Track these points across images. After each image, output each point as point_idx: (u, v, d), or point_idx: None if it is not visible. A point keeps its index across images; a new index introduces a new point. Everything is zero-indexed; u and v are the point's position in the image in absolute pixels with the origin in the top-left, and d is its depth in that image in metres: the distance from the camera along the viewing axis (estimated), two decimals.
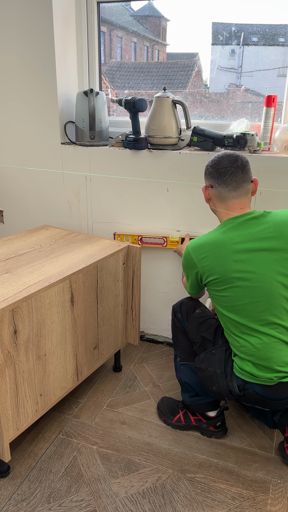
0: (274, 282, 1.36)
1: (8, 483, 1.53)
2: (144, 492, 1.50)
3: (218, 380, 1.50)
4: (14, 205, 2.51)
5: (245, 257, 1.37)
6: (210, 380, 1.52)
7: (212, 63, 2.23)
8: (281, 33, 2.00)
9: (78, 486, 1.51)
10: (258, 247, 1.36)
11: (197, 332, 1.64)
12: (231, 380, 1.49)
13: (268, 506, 1.45)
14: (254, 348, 1.41)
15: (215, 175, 1.44)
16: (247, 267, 1.36)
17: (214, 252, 1.40)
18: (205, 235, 1.45)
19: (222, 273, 1.39)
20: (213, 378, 1.51)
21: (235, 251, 1.37)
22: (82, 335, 1.74)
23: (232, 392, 1.48)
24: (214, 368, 1.52)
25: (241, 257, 1.37)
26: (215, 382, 1.51)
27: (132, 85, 2.44)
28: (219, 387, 1.50)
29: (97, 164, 2.20)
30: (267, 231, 1.37)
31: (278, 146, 1.96)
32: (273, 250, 1.36)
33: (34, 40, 2.10)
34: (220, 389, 1.50)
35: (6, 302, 1.34)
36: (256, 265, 1.36)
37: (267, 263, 1.36)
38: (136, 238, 2.19)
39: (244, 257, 1.37)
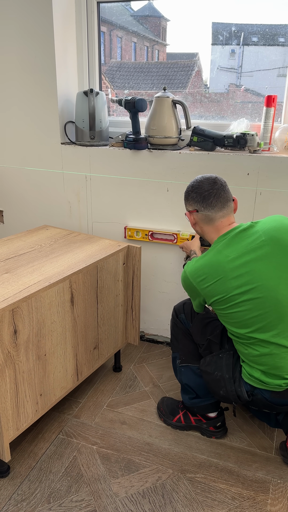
0: (279, 289, 1.34)
1: (8, 483, 1.53)
2: (144, 492, 1.50)
3: (226, 385, 1.49)
4: (14, 205, 2.51)
5: (243, 270, 1.34)
6: (217, 384, 1.51)
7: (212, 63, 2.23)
8: (281, 33, 2.00)
9: (78, 486, 1.51)
10: (254, 258, 1.34)
11: (202, 334, 1.62)
12: (240, 386, 1.48)
13: (268, 506, 1.45)
14: (264, 358, 1.39)
15: (198, 199, 1.44)
16: (247, 280, 1.34)
17: (212, 273, 1.38)
18: (200, 257, 1.45)
19: (224, 292, 1.37)
20: (221, 382, 1.50)
21: (232, 268, 1.35)
22: (82, 335, 1.74)
23: (241, 397, 1.48)
24: (222, 372, 1.50)
25: (239, 272, 1.35)
26: (222, 387, 1.50)
27: (132, 85, 2.44)
28: (227, 391, 1.49)
29: (97, 164, 2.20)
30: (259, 240, 1.36)
31: (278, 146, 1.96)
32: (269, 257, 1.34)
33: (34, 40, 2.10)
34: (228, 393, 1.49)
35: (6, 302, 1.34)
36: (256, 276, 1.34)
37: (267, 271, 1.34)
38: (147, 233, 2.19)
39: (242, 271, 1.34)
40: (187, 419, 1.77)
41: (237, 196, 1.98)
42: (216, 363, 1.53)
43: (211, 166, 1.98)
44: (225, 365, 1.51)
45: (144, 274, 2.32)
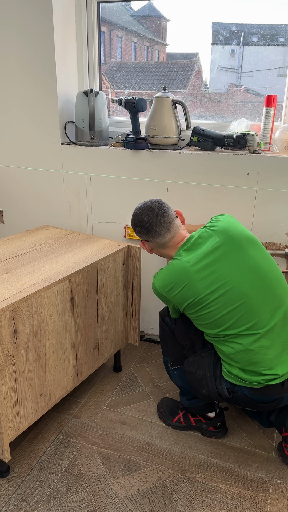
0: (243, 283, 1.39)
1: (8, 483, 1.53)
2: (144, 492, 1.50)
3: (208, 383, 1.52)
4: (14, 205, 2.51)
5: (207, 272, 1.40)
6: (200, 383, 1.54)
7: (212, 63, 2.23)
8: (281, 33, 2.00)
9: (78, 486, 1.51)
10: (214, 259, 1.40)
11: (186, 334, 1.64)
12: (220, 383, 1.50)
13: (268, 506, 1.45)
14: (240, 355, 1.42)
15: (144, 231, 1.51)
16: (213, 280, 1.39)
17: (178, 280, 1.43)
18: (165, 268, 1.49)
19: (193, 295, 1.41)
20: (203, 381, 1.53)
21: (196, 270, 1.40)
22: (82, 335, 1.74)
23: (222, 395, 1.50)
24: (204, 371, 1.53)
25: (204, 273, 1.40)
26: (204, 385, 1.53)
27: (132, 85, 2.44)
28: (209, 390, 1.52)
29: (97, 164, 2.20)
30: (214, 242, 1.43)
31: (278, 146, 1.96)
32: (228, 255, 1.41)
33: (34, 40, 2.10)
34: (210, 392, 1.52)
35: (6, 302, 1.34)
36: (220, 275, 1.39)
37: (228, 269, 1.40)
38: None
39: (206, 272, 1.40)
40: (187, 420, 1.77)
41: (237, 196, 1.98)
42: (198, 363, 1.56)
43: (211, 166, 1.98)
44: (206, 364, 1.54)
45: (144, 274, 2.32)
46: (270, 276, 1.43)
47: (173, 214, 1.52)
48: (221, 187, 1.99)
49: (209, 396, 1.53)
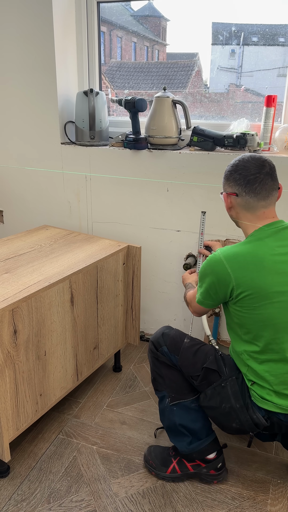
0: None
1: (8, 483, 1.53)
2: (144, 492, 1.50)
3: (239, 415, 1.33)
4: (14, 205, 2.51)
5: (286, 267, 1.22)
6: (228, 417, 1.35)
7: (212, 63, 2.23)
8: (281, 33, 2.00)
9: (78, 486, 1.51)
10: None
11: (194, 363, 1.42)
12: (254, 412, 1.32)
13: (268, 506, 1.45)
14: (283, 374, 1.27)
15: (241, 182, 1.28)
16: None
17: (254, 263, 1.22)
18: (236, 245, 1.29)
19: (261, 286, 1.22)
20: (231, 414, 1.34)
21: (277, 261, 1.22)
22: (82, 335, 1.74)
23: (258, 424, 1.32)
24: (230, 403, 1.34)
25: (285, 268, 1.22)
26: (235, 419, 1.34)
27: (132, 85, 2.44)
28: (241, 423, 1.33)
29: (97, 164, 2.20)
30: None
31: (278, 146, 1.96)
32: None
33: (34, 40, 2.10)
34: (243, 424, 1.33)
35: (6, 302, 1.34)
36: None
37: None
38: None
39: (285, 267, 1.22)
40: (183, 467, 1.52)
41: None
42: (220, 395, 1.36)
43: (211, 166, 1.98)
44: (231, 393, 1.35)
45: (144, 274, 2.32)
46: None
47: (278, 183, 1.31)
48: (221, 187, 1.99)
49: (242, 429, 1.35)
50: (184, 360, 1.43)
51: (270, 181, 1.28)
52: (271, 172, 1.28)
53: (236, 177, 1.29)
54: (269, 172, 1.28)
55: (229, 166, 1.33)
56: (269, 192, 1.28)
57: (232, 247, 1.29)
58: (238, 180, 1.28)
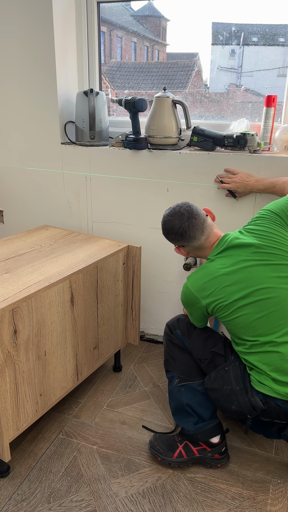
0: (281, 290, 1.35)
1: (8, 483, 1.53)
2: (144, 492, 1.50)
3: (238, 398, 1.41)
4: (14, 205, 2.51)
5: (241, 276, 1.37)
6: (228, 399, 1.44)
7: (212, 63, 2.23)
8: (281, 33, 2.00)
9: (78, 486, 1.51)
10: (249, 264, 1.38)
11: (204, 348, 1.55)
12: (253, 395, 1.40)
13: (268, 506, 1.45)
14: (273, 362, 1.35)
15: (178, 238, 1.47)
16: (246, 284, 1.37)
17: (212, 282, 1.41)
18: (198, 269, 1.48)
19: (223, 297, 1.39)
20: (231, 396, 1.43)
21: (225, 274, 1.39)
22: (82, 335, 1.74)
23: (256, 407, 1.39)
24: (231, 385, 1.43)
25: (237, 277, 1.38)
26: (234, 401, 1.42)
27: (132, 85, 2.44)
28: (240, 405, 1.41)
29: (97, 164, 2.20)
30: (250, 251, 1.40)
31: (278, 146, 1.96)
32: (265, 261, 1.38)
33: (34, 40, 2.10)
34: (242, 407, 1.41)
35: (6, 302, 1.34)
36: (254, 279, 1.36)
37: (264, 273, 1.36)
38: None
39: (239, 276, 1.38)
40: (189, 452, 1.59)
41: None
42: (223, 378, 1.46)
43: (211, 166, 1.98)
44: (233, 377, 1.44)
45: (144, 274, 2.32)
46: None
47: (203, 214, 1.49)
48: None
49: (241, 411, 1.42)
50: (194, 344, 1.56)
51: (195, 221, 1.45)
52: (190, 214, 1.45)
53: (172, 237, 1.49)
54: (189, 216, 1.45)
55: (162, 231, 1.52)
56: (201, 228, 1.46)
57: (193, 275, 1.47)
58: (176, 238, 1.48)
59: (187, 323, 1.62)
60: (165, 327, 1.69)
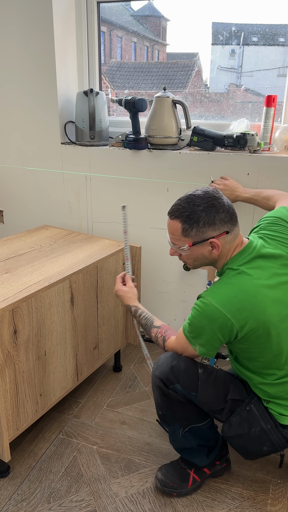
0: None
1: (8, 483, 1.53)
2: (144, 492, 1.50)
3: (270, 437, 1.27)
4: (14, 205, 2.51)
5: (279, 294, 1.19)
6: (258, 442, 1.29)
7: (212, 63, 2.23)
8: (281, 33, 2.00)
9: (78, 486, 1.51)
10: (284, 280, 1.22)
11: (217, 396, 1.31)
12: (283, 428, 1.28)
13: (268, 506, 1.45)
14: None
15: (228, 218, 1.21)
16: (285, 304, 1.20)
17: (249, 300, 1.17)
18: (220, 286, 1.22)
19: (264, 321, 1.17)
20: (262, 437, 1.28)
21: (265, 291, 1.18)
22: (82, 335, 1.74)
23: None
24: (260, 425, 1.28)
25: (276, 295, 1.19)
26: (266, 441, 1.28)
27: (132, 85, 2.44)
28: (273, 444, 1.28)
29: (97, 164, 2.20)
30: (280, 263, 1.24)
31: (278, 146, 1.96)
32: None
33: (34, 40, 2.10)
34: (275, 445, 1.29)
35: (6, 302, 1.34)
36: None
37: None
38: None
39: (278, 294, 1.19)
40: (201, 474, 1.50)
41: None
42: (247, 420, 1.29)
43: (211, 166, 1.98)
44: (259, 415, 1.28)
45: (144, 274, 2.32)
46: None
47: None
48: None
49: (273, 450, 1.30)
50: (204, 397, 1.30)
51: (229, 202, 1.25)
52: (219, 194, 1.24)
53: (221, 217, 1.21)
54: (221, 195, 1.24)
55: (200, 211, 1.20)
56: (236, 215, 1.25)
57: (219, 290, 1.21)
58: (225, 218, 1.21)
59: (185, 372, 1.30)
60: (155, 379, 1.34)
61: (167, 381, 1.31)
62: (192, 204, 1.21)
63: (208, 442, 1.46)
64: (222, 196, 1.23)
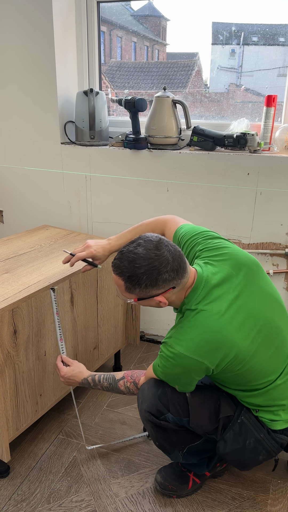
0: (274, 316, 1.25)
1: (8, 483, 1.53)
2: (144, 492, 1.50)
3: (265, 445, 1.28)
4: (14, 205, 2.51)
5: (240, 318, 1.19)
6: (254, 453, 1.29)
7: (212, 62, 2.23)
8: (281, 33, 2.00)
9: (78, 486, 1.51)
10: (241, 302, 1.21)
11: (210, 417, 1.30)
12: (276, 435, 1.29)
13: (268, 506, 1.45)
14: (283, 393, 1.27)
15: (173, 275, 1.16)
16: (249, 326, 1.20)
17: (217, 340, 1.16)
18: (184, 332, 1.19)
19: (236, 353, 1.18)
20: (257, 448, 1.29)
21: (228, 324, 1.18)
22: (82, 335, 1.74)
23: (283, 444, 1.30)
24: (253, 436, 1.28)
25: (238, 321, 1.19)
26: (261, 451, 1.29)
27: (132, 85, 2.44)
28: (268, 451, 1.29)
29: (97, 164, 2.20)
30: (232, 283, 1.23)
31: (278, 146, 1.96)
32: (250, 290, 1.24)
33: (34, 40, 2.09)
34: (270, 452, 1.30)
35: (6, 302, 1.34)
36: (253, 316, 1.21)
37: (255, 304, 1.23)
38: None
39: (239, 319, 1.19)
40: (201, 476, 1.50)
41: (237, 195, 1.98)
42: (241, 433, 1.29)
43: (211, 166, 1.98)
44: (252, 426, 1.29)
45: None
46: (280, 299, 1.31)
47: None
48: (221, 187, 1.99)
49: (269, 456, 1.31)
50: (197, 421, 1.29)
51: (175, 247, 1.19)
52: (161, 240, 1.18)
53: (165, 277, 1.15)
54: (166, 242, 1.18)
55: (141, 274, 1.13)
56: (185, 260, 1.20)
57: (184, 337, 1.19)
58: (169, 277, 1.15)
59: (171, 399, 1.29)
60: (144, 413, 1.32)
61: (157, 413, 1.30)
62: (133, 266, 1.15)
63: (207, 453, 1.46)
64: (163, 252, 1.15)
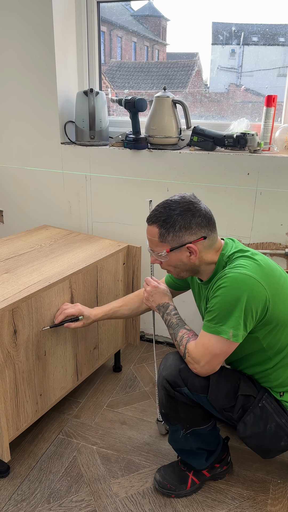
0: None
1: (8, 483, 1.53)
2: (144, 492, 1.50)
3: (287, 430, 1.27)
4: (14, 205, 2.51)
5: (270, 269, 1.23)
6: (275, 438, 1.27)
7: (212, 63, 2.23)
8: (281, 33, 2.00)
9: (78, 486, 1.51)
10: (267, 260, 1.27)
11: (227, 393, 1.28)
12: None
13: (268, 506, 1.45)
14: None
15: (205, 223, 1.22)
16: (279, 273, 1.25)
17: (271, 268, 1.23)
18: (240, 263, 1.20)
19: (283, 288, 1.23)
20: (279, 433, 1.26)
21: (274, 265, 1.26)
22: (82, 335, 1.74)
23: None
24: (275, 421, 1.26)
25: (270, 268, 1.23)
26: (282, 436, 1.27)
27: (132, 85, 2.44)
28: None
29: (97, 164, 2.20)
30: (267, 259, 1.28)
31: (278, 146, 1.96)
32: None
33: (34, 40, 2.09)
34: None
35: (6, 302, 1.34)
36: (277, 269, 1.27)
37: None
38: None
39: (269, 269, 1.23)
40: (200, 476, 1.49)
41: (237, 195, 1.98)
42: (262, 417, 1.27)
43: (211, 166, 1.98)
44: (273, 410, 1.27)
45: (144, 274, 2.32)
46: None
47: None
48: (221, 187, 1.99)
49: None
50: (215, 394, 1.27)
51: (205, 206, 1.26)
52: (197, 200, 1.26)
53: (198, 221, 1.21)
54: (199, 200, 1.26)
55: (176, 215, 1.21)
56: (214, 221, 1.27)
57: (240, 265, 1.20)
58: (201, 223, 1.22)
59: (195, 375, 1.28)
60: (162, 379, 1.34)
61: (174, 384, 1.30)
62: (168, 209, 1.22)
63: (208, 446, 1.45)
64: (199, 201, 1.25)
